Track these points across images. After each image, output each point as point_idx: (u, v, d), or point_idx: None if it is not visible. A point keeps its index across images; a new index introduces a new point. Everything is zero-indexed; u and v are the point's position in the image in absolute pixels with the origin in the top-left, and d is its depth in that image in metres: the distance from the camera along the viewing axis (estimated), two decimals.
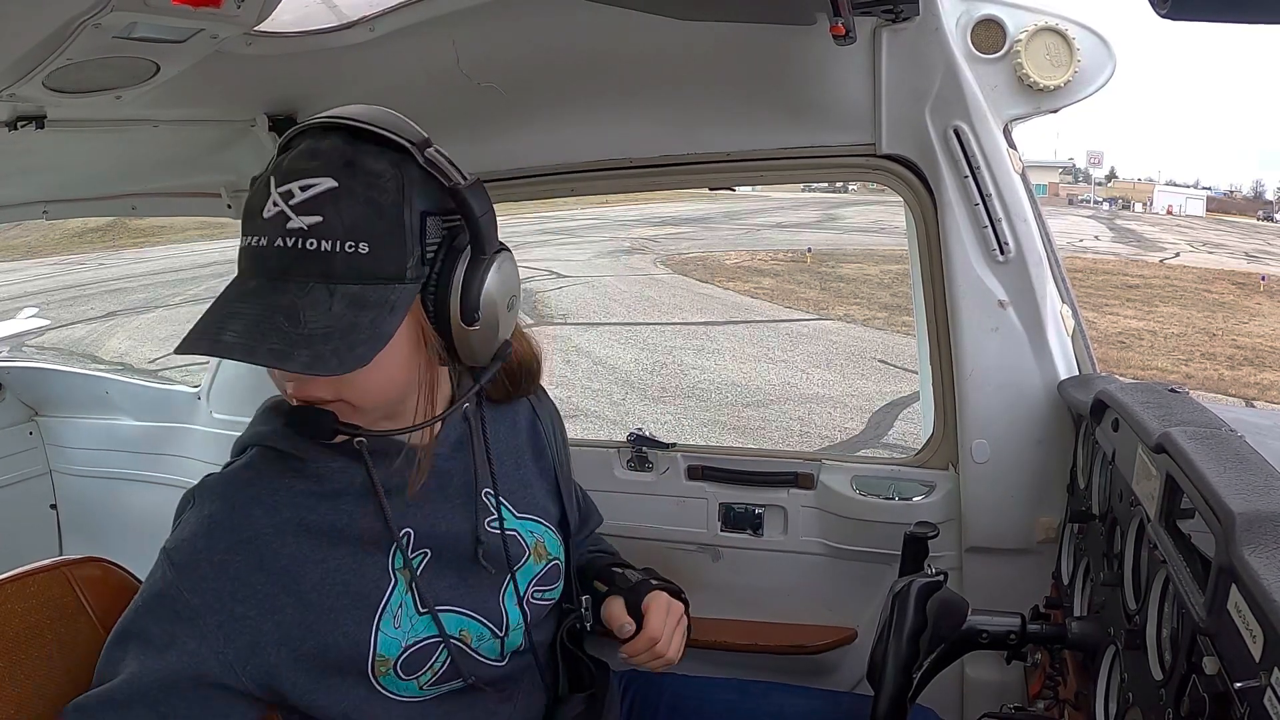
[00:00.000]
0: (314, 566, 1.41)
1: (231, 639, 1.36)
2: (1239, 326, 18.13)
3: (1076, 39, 2.09)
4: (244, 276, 1.33)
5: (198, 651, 1.35)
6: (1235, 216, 75.02)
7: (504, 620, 1.58)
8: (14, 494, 3.84)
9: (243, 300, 1.31)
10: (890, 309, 17.51)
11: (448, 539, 1.53)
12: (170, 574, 1.38)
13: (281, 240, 1.29)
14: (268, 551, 1.40)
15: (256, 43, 2.11)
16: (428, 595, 1.47)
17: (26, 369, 4.03)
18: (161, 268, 24.13)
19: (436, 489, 1.53)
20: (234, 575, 1.37)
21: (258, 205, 1.31)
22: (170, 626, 1.36)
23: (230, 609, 1.37)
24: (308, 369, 1.26)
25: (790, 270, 22.44)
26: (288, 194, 1.29)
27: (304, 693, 1.42)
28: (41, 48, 1.68)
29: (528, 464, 1.73)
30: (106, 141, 2.49)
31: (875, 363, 13.46)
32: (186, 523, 1.43)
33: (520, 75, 2.38)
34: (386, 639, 1.44)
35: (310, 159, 1.31)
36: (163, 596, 1.38)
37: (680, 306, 17.40)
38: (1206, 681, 1.04)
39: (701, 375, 12.61)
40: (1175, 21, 0.84)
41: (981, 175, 2.17)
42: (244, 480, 1.46)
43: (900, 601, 1.59)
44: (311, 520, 1.43)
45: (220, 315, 1.30)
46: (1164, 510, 1.33)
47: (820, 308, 17.83)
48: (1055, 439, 2.23)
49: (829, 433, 10.30)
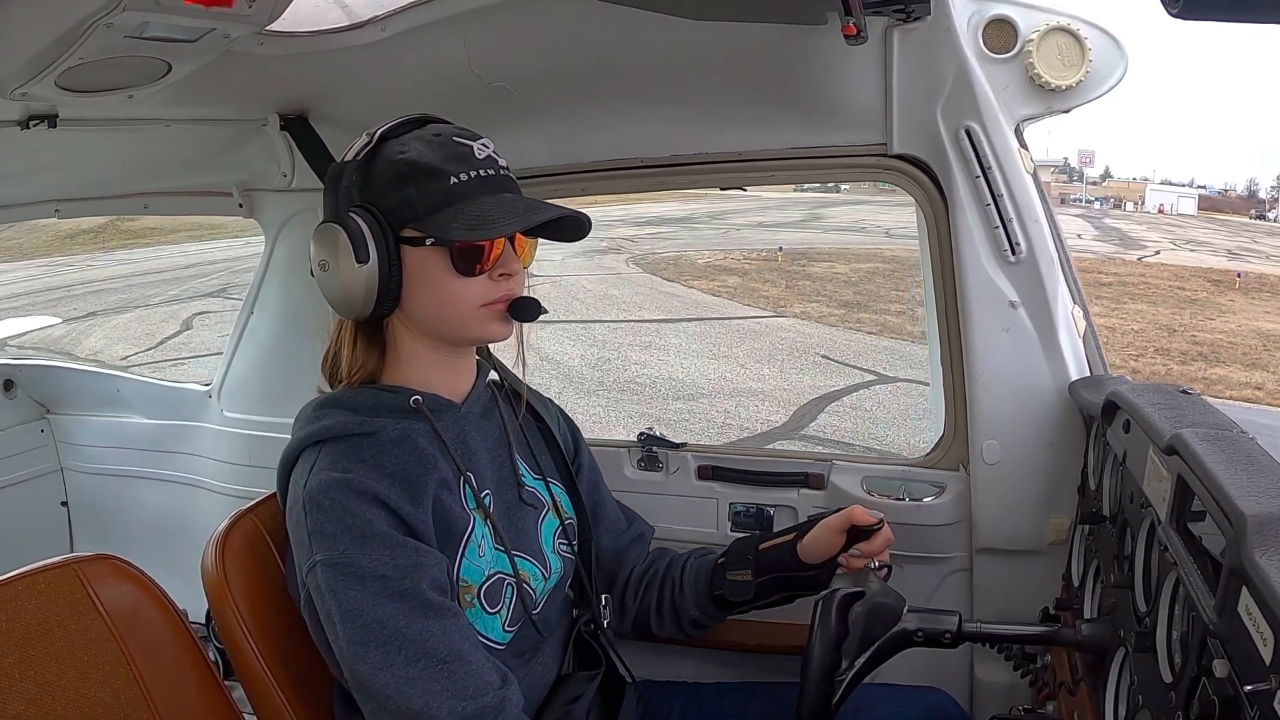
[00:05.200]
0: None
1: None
2: (1203, 323, 18.23)
3: (1088, 39, 2.08)
4: (494, 191, 1.64)
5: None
6: (1229, 215, 75.18)
7: (547, 563, 1.81)
8: (25, 491, 3.85)
9: (515, 203, 1.65)
10: (849, 306, 17.83)
11: (497, 484, 1.78)
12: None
13: (499, 169, 1.67)
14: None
15: (268, 42, 2.12)
16: (502, 533, 1.72)
17: (38, 367, 4.05)
18: (146, 269, 24.28)
19: (479, 441, 1.78)
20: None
21: (464, 151, 1.64)
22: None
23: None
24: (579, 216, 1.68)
25: (760, 269, 22.59)
26: (485, 144, 1.67)
27: None
28: (54, 47, 1.69)
29: (536, 437, 1.95)
30: (118, 140, 2.50)
31: (818, 358, 13.71)
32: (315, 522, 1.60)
33: (530, 75, 2.39)
34: (471, 567, 1.66)
35: (465, 130, 1.70)
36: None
37: (641, 305, 17.48)
38: (1216, 684, 1.04)
39: (641, 370, 12.78)
40: (1186, 21, 0.84)
41: (993, 175, 2.16)
42: (341, 468, 1.61)
43: (822, 611, 1.66)
44: (401, 469, 1.63)
45: (513, 209, 1.63)
46: (1175, 512, 1.32)
47: (779, 305, 18.01)
48: (1066, 440, 2.22)
49: (750, 425, 10.50)
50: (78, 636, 1.59)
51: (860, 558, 1.86)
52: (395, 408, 1.69)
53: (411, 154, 1.62)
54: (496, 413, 1.87)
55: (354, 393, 1.71)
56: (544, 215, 1.63)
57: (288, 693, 1.71)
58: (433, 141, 1.64)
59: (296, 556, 1.62)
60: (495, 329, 1.70)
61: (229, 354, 3.40)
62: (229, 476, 3.43)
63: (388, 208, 1.61)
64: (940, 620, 1.66)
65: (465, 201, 1.60)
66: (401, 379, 1.73)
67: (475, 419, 1.80)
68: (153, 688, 1.64)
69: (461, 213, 1.59)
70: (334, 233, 1.60)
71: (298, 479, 1.64)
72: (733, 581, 1.97)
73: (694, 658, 2.42)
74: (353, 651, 1.51)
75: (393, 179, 1.61)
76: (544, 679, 1.81)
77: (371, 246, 1.59)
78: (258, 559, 1.78)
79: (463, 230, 1.59)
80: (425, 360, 1.73)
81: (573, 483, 1.96)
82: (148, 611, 1.70)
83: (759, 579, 1.94)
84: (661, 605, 2.04)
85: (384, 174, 1.62)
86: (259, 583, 1.75)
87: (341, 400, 1.70)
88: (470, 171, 1.62)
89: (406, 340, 1.72)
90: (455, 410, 1.76)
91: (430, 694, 1.49)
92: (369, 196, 1.62)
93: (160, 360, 14.05)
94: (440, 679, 1.50)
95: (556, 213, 1.65)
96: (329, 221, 1.64)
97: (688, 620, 2.03)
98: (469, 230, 1.59)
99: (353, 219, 1.60)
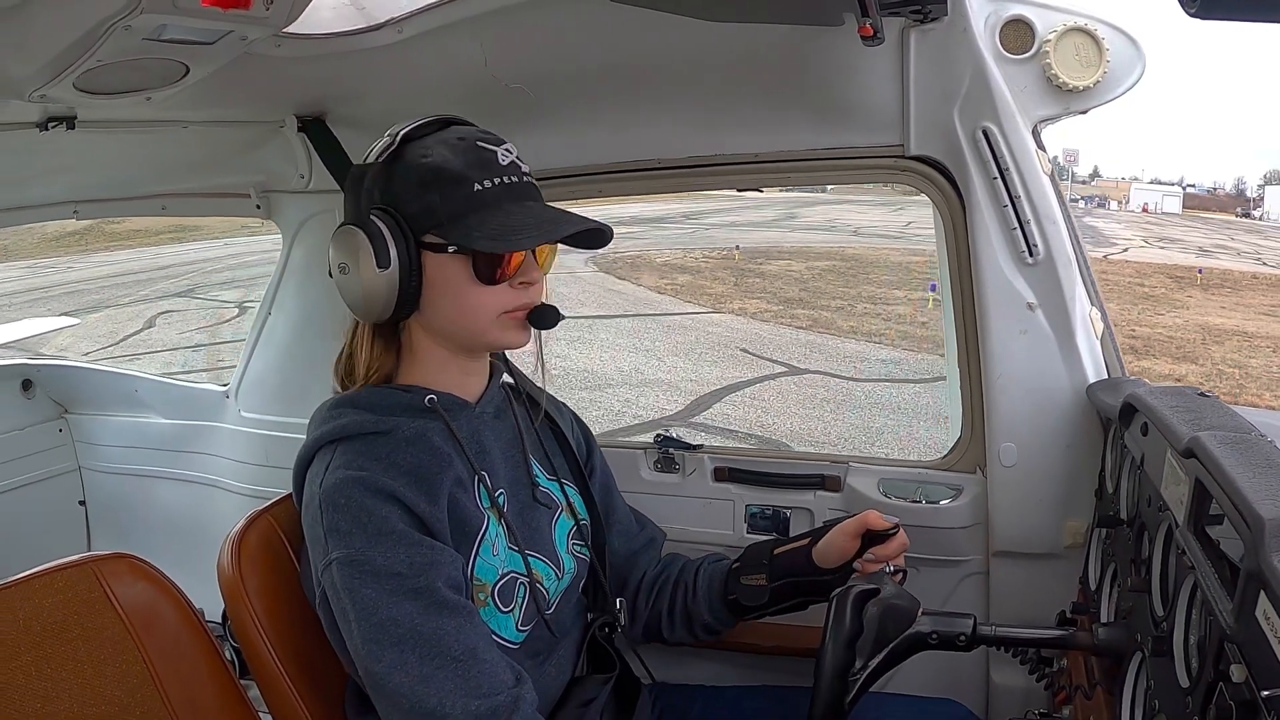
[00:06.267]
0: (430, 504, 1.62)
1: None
2: (1149, 318, 18.57)
3: (1106, 39, 2.07)
4: (518, 199, 1.64)
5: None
6: (1215, 213, 75.38)
7: (560, 563, 1.81)
8: (43, 490, 3.88)
9: (541, 212, 1.66)
10: (789, 303, 18.21)
11: (511, 484, 1.78)
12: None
13: (523, 176, 1.67)
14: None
15: (285, 44, 2.13)
16: (516, 532, 1.73)
17: (56, 367, 4.08)
18: (123, 270, 24.44)
19: (493, 440, 1.78)
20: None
21: (488, 157, 1.64)
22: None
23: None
24: (602, 228, 1.68)
25: (714, 268, 22.76)
26: (508, 150, 1.66)
27: None
28: (72, 49, 1.70)
29: (550, 439, 1.95)
30: (136, 142, 2.51)
31: (737, 351, 14.09)
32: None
33: (547, 76, 2.39)
34: (485, 565, 1.66)
35: (488, 133, 1.69)
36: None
37: (584, 302, 17.54)
38: (1233, 689, 1.03)
39: (560, 363, 12.93)
40: (1204, 21, 0.84)
41: (1010, 177, 2.15)
42: (357, 466, 1.61)
43: (837, 607, 1.65)
44: (416, 467, 1.63)
45: (537, 219, 1.64)
46: (1193, 515, 1.31)
47: (720, 301, 18.30)
48: (1083, 443, 2.21)
49: (642, 412, 10.93)
50: (94, 634, 1.60)
51: (875, 562, 1.86)
52: (410, 407, 1.69)
53: (435, 158, 1.61)
54: (510, 413, 1.87)
55: (369, 392, 1.71)
56: (569, 228, 1.64)
57: (302, 692, 1.71)
58: (456, 145, 1.63)
59: (312, 554, 1.62)
60: (514, 337, 1.70)
61: (246, 354, 3.42)
62: (246, 476, 3.45)
63: (410, 213, 1.61)
64: (955, 623, 1.65)
65: (489, 210, 1.60)
66: (417, 380, 1.73)
67: (489, 419, 1.81)
68: (168, 686, 1.65)
69: (485, 221, 1.59)
70: (355, 236, 1.60)
71: (313, 478, 1.64)
72: (747, 586, 1.96)
73: (712, 660, 2.43)
74: (367, 649, 1.52)
75: (415, 183, 1.61)
76: (558, 681, 1.81)
77: (393, 251, 1.59)
78: (274, 559, 1.79)
79: (486, 240, 1.59)
80: (441, 362, 1.74)
81: (586, 485, 1.96)
82: (164, 610, 1.71)
83: (773, 584, 1.93)
84: (674, 609, 2.04)
85: (406, 178, 1.62)
86: (275, 582, 1.76)
87: (357, 400, 1.70)
88: (494, 179, 1.62)
89: (423, 343, 1.72)
90: (469, 410, 1.76)
91: (444, 692, 1.49)
92: (390, 200, 1.62)
93: (118, 356, 14.37)
94: (454, 677, 1.50)
95: (581, 225, 1.66)
96: (350, 224, 1.64)
97: (699, 625, 2.02)
98: (493, 240, 1.59)
99: (374, 222, 1.60)
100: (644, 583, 2.07)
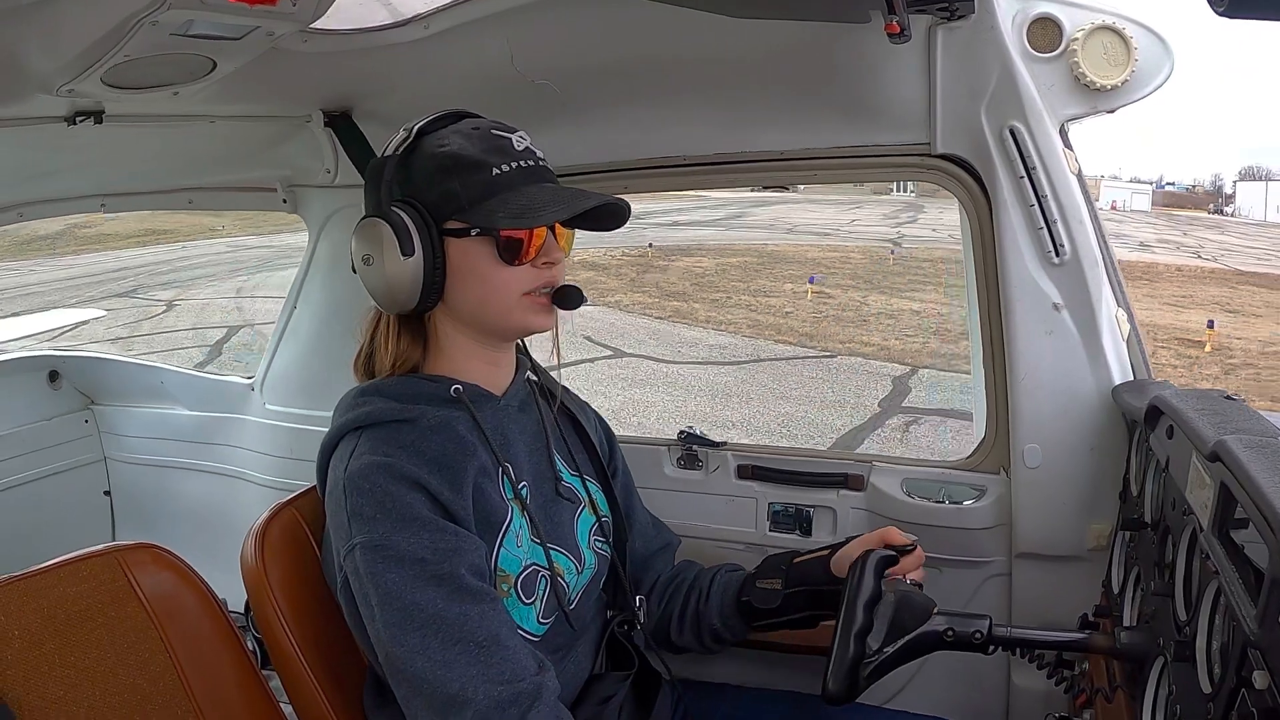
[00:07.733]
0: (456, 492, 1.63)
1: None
2: None
3: (1134, 38, 2.05)
4: (536, 181, 1.67)
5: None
6: (1189, 210, 75.12)
7: (582, 557, 1.81)
8: (69, 480, 3.92)
9: (559, 191, 1.68)
10: (670, 296, 18.76)
11: (534, 477, 1.79)
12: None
13: (538, 160, 1.70)
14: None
15: (312, 40, 2.14)
16: (539, 525, 1.73)
17: (83, 358, 4.11)
18: (80, 274, 24.57)
19: (517, 434, 1.80)
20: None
21: (504, 144, 1.66)
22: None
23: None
24: (621, 204, 1.73)
25: (621, 265, 22.89)
26: (522, 137, 1.69)
27: None
28: (100, 44, 1.72)
29: (573, 436, 1.96)
30: (163, 137, 2.53)
31: (581, 339, 14.30)
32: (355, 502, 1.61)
33: (573, 72, 2.39)
34: (509, 557, 1.66)
35: (500, 123, 1.71)
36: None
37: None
38: (1256, 696, 1.02)
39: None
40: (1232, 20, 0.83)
41: (1038, 176, 2.14)
42: (382, 452, 1.62)
43: (859, 571, 1.69)
44: (441, 455, 1.63)
45: (558, 197, 1.66)
46: (1217, 519, 1.30)
47: (603, 294, 18.52)
48: (1108, 445, 2.19)
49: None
50: (118, 624, 1.61)
51: (891, 577, 1.85)
52: (435, 396, 1.70)
53: (452, 147, 1.63)
54: (534, 408, 1.88)
55: (395, 381, 1.72)
56: (588, 203, 1.66)
57: (323, 683, 1.72)
58: (471, 135, 1.66)
59: (334, 540, 1.63)
60: (539, 320, 1.72)
61: (272, 347, 3.44)
62: (270, 468, 3.47)
63: (430, 201, 1.62)
64: (970, 622, 1.65)
65: (509, 191, 1.63)
66: (443, 371, 1.74)
67: (514, 412, 1.82)
68: (190, 675, 1.66)
69: (506, 202, 1.62)
70: (378, 227, 1.61)
71: (337, 464, 1.65)
72: (761, 589, 1.95)
73: (731, 659, 2.42)
74: (389, 634, 1.52)
75: (435, 172, 1.63)
76: (577, 678, 1.81)
77: (416, 240, 1.61)
78: (297, 551, 1.80)
79: (509, 219, 1.60)
80: (467, 353, 1.75)
81: (608, 483, 1.96)
82: (187, 600, 1.72)
83: (787, 589, 1.93)
84: (684, 613, 2.03)
85: (425, 168, 1.63)
86: (297, 574, 1.77)
87: (382, 388, 1.71)
88: (511, 163, 1.64)
89: (449, 333, 1.73)
90: (494, 402, 1.78)
91: (467, 678, 1.49)
92: (411, 190, 1.64)
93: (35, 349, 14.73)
94: (477, 663, 1.50)
95: (600, 199, 1.68)
96: (372, 216, 1.65)
97: (708, 630, 2.01)
98: (516, 219, 1.61)
99: (396, 213, 1.61)
100: (657, 585, 2.07)
